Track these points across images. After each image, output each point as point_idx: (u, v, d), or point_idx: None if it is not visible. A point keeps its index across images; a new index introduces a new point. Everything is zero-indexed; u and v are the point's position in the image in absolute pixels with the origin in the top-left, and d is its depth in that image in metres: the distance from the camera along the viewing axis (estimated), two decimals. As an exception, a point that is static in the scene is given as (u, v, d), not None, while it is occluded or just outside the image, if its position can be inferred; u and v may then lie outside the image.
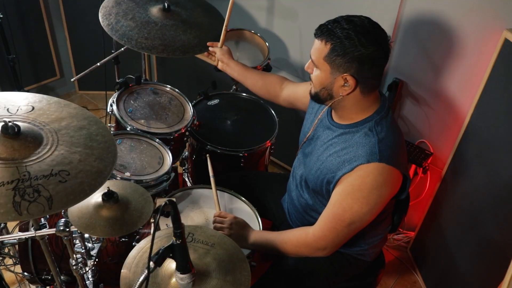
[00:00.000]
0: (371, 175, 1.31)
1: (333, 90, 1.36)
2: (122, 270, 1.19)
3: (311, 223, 1.62)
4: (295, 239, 1.48)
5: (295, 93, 1.79)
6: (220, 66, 1.92)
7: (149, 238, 1.31)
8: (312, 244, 1.44)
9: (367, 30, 1.28)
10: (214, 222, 1.55)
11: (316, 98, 1.43)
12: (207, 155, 1.83)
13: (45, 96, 1.24)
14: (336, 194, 1.38)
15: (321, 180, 1.44)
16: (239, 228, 1.53)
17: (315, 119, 1.58)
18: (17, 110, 1.16)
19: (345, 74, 1.30)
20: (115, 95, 1.96)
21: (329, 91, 1.37)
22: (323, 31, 1.31)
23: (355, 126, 1.40)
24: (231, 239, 1.31)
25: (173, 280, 1.14)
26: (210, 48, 1.91)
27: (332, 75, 1.33)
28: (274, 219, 1.84)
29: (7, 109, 1.15)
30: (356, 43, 1.26)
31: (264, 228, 1.64)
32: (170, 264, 1.17)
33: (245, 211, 1.70)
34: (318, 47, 1.32)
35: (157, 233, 1.30)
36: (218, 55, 1.89)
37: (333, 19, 1.33)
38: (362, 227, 1.41)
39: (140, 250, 1.25)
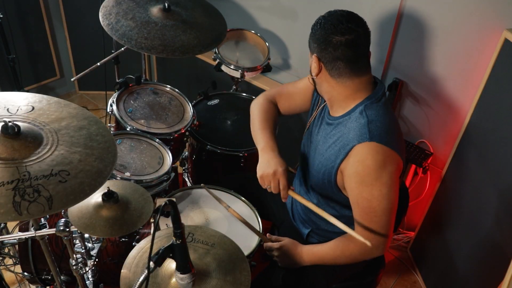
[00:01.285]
0: (369, 156, 1.30)
1: (311, 71, 1.44)
2: (122, 270, 1.19)
3: (314, 222, 1.62)
4: (347, 250, 1.46)
5: (293, 105, 1.75)
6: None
7: (149, 238, 1.31)
8: (372, 248, 1.38)
9: (333, 16, 1.36)
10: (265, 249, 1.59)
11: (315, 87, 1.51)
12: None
13: (45, 96, 1.24)
14: (350, 190, 1.38)
15: (322, 173, 1.44)
16: (287, 256, 1.55)
17: (312, 114, 1.61)
18: (17, 110, 1.16)
19: (314, 55, 1.39)
20: (115, 95, 1.96)
21: (310, 73, 1.45)
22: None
23: (347, 114, 1.41)
24: (231, 239, 1.31)
25: (173, 280, 1.14)
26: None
27: (310, 58, 1.43)
28: (275, 219, 1.83)
29: (7, 109, 1.15)
30: (318, 26, 1.37)
31: (264, 229, 1.64)
32: (170, 264, 1.17)
33: (245, 211, 1.70)
34: None
35: (157, 233, 1.30)
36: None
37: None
38: (396, 208, 1.38)
39: (140, 250, 1.25)
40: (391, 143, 1.32)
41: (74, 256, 1.40)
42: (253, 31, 2.37)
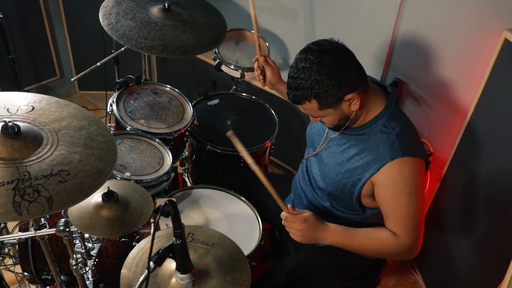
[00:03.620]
0: (406, 167, 1.35)
1: (346, 114, 1.39)
2: (122, 270, 1.19)
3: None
4: (385, 245, 1.44)
5: None
6: (266, 86, 1.89)
7: (149, 238, 1.31)
8: (407, 252, 1.44)
9: (320, 59, 1.29)
10: (285, 221, 1.49)
11: (337, 128, 1.47)
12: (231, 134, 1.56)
13: (45, 96, 1.24)
14: (384, 200, 1.40)
15: (343, 184, 1.45)
16: (311, 230, 1.45)
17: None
18: (17, 110, 1.16)
19: (345, 97, 1.33)
20: (115, 95, 1.96)
21: (345, 118, 1.41)
22: (296, 99, 1.35)
23: (369, 126, 1.42)
24: (231, 239, 1.31)
25: (173, 280, 1.14)
26: (257, 65, 1.85)
27: (337, 109, 1.37)
28: (275, 221, 1.83)
29: (7, 109, 1.15)
30: (327, 78, 1.29)
31: (264, 229, 1.64)
32: (170, 264, 1.17)
33: (245, 211, 1.70)
34: (308, 108, 1.37)
35: (157, 233, 1.30)
36: (268, 76, 1.84)
37: (290, 83, 1.35)
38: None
39: (140, 250, 1.25)
40: (420, 152, 1.39)
41: (74, 256, 1.40)
42: (253, 31, 2.37)
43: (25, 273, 1.68)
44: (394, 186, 1.36)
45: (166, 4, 1.83)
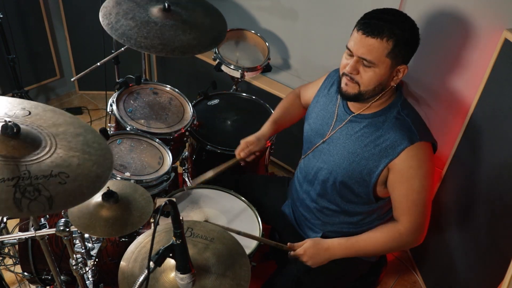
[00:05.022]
0: (421, 151, 1.37)
1: (386, 83, 1.38)
2: (121, 263, 1.20)
3: (326, 223, 1.61)
4: (388, 240, 1.47)
5: (308, 98, 1.78)
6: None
7: (148, 232, 1.32)
8: (410, 239, 1.46)
9: (410, 20, 1.33)
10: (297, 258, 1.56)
11: (360, 97, 1.40)
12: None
13: (40, 104, 1.23)
14: (400, 184, 1.40)
15: (358, 173, 1.45)
16: (315, 256, 1.52)
17: (331, 115, 1.55)
18: (14, 114, 1.15)
19: (402, 66, 1.33)
20: (115, 95, 1.96)
21: (383, 86, 1.38)
22: (381, 30, 1.28)
23: (382, 113, 1.43)
24: (230, 234, 1.31)
25: (172, 274, 1.14)
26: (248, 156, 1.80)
27: (390, 69, 1.34)
28: (274, 223, 1.83)
29: (4, 112, 1.14)
30: (415, 36, 1.33)
31: (264, 228, 1.63)
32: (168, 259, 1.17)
33: (245, 212, 1.70)
34: (378, 45, 1.29)
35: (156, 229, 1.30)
36: (259, 148, 1.80)
37: (374, 15, 1.32)
38: None
39: (138, 245, 1.25)
40: (432, 137, 1.43)
41: (74, 256, 1.40)
42: (253, 31, 2.37)
43: (25, 273, 1.69)
44: (410, 169, 1.37)
45: (166, 4, 1.83)
